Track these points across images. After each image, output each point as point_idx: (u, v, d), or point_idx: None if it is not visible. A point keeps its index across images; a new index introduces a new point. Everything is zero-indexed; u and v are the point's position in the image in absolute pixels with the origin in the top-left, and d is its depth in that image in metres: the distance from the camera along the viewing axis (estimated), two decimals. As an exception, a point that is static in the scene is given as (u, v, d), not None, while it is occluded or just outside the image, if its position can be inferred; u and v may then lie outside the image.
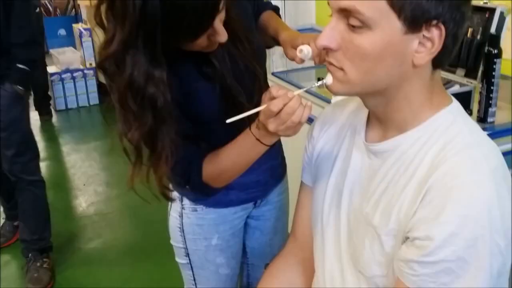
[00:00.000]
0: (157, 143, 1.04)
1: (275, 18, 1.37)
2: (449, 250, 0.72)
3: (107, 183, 3.38)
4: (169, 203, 1.37)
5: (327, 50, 0.80)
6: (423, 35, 0.74)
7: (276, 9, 1.41)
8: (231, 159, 1.13)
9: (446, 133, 0.80)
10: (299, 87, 2.09)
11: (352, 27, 0.75)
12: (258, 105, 0.98)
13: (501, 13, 1.52)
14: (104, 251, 2.72)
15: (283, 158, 1.45)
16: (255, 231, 1.45)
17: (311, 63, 1.19)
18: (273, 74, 2.31)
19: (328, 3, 0.80)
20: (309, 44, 1.12)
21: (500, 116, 1.58)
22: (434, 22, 0.73)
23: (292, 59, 1.21)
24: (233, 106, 1.13)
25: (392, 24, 0.73)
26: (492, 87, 1.52)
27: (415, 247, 0.75)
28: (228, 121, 0.93)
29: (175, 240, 1.38)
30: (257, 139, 1.05)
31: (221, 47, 1.08)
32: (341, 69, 0.79)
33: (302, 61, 1.12)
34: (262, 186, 1.36)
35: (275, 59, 2.38)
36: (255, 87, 1.18)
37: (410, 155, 0.82)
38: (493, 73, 1.51)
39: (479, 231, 0.72)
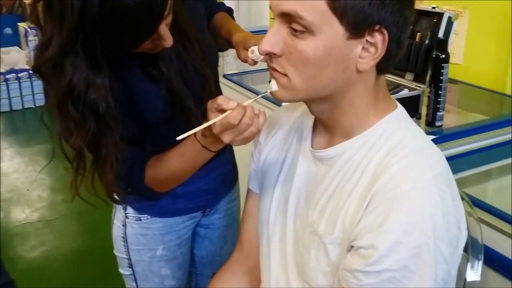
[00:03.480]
0: (101, 149, 0.99)
1: (228, 19, 1.32)
2: (393, 259, 0.71)
3: (52, 188, 3.26)
4: (113, 211, 1.30)
5: (270, 55, 0.78)
6: (366, 40, 0.73)
7: (229, 11, 1.37)
8: (176, 165, 1.08)
9: (390, 139, 0.79)
10: (251, 90, 2.08)
11: (295, 32, 0.73)
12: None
13: (449, 18, 1.53)
14: (47, 259, 2.60)
15: (234, 165, 1.40)
16: (204, 240, 1.40)
17: (264, 65, 1.16)
18: (224, 76, 2.26)
19: (270, 7, 0.77)
20: None
21: (448, 120, 1.59)
22: (377, 27, 0.72)
23: (245, 61, 1.17)
24: (180, 110, 1.09)
25: (334, 29, 0.72)
26: (440, 91, 1.52)
27: (360, 256, 0.73)
28: (178, 138, 0.88)
29: (118, 250, 1.32)
30: (204, 147, 1.00)
31: (169, 48, 1.03)
32: (285, 75, 0.77)
33: (255, 62, 1.09)
34: (211, 194, 1.32)
35: (228, 61, 2.34)
36: (204, 91, 1.14)
37: (355, 161, 0.81)
38: (441, 78, 1.51)
39: (423, 239, 0.70)
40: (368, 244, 0.72)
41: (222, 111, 0.88)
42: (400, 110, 0.84)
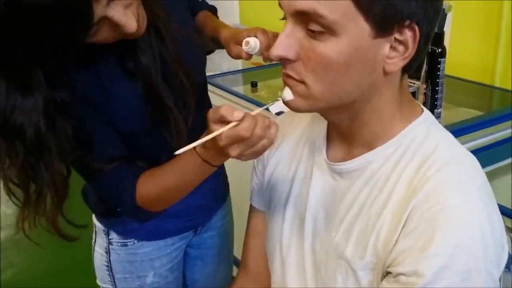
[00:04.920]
0: (37, 178, 0.86)
1: (212, 18, 1.21)
2: (439, 286, 0.63)
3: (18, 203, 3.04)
4: (93, 236, 1.17)
5: (283, 61, 0.70)
6: (395, 38, 0.66)
7: (212, 9, 1.25)
8: (172, 181, 0.96)
9: (422, 148, 0.72)
10: (233, 93, 1.96)
11: (312, 33, 0.65)
12: (195, 116, 0.83)
13: (443, 10, 1.46)
14: (19, 281, 2.42)
15: (225, 176, 1.29)
16: (196, 261, 1.28)
17: (238, 65, 1.06)
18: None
19: (280, 4, 0.68)
20: (256, 36, 0.99)
21: (446, 117, 1.52)
22: (407, 22, 0.65)
23: (238, 57, 1.06)
24: (159, 110, 0.96)
25: (359, 27, 0.64)
26: (437, 88, 1.45)
27: (400, 283, 0.65)
28: (177, 152, 0.76)
29: (102, 280, 1.19)
30: (205, 161, 0.88)
31: (147, 39, 0.90)
32: (302, 82, 0.69)
33: (249, 56, 0.99)
34: (204, 211, 1.20)
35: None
36: (188, 93, 1.01)
37: (383, 174, 0.73)
38: (438, 73, 1.44)
39: (473, 263, 0.64)
40: (410, 270, 0.64)
41: (226, 122, 0.77)
42: (428, 114, 0.77)
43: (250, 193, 0.98)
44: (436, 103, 1.47)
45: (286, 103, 0.72)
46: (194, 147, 0.87)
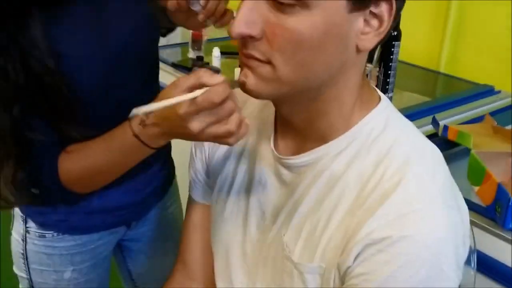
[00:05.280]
0: None
1: None
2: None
3: None
4: (12, 218, 1.02)
5: (244, 40, 0.60)
6: (370, 11, 0.59)
7: None
8: (101, 159, 0.83)
9: (378, 143, 0.65)
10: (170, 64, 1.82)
11: (280, 5, 0.57)
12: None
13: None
14: None
15: (170, 161, 1.14)
16: (139, 255, 1.15)
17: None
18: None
19: None
20: None
21: (395, 102, 1.47)
22: None
23: (174, 9, 0.88)
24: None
25: (335, 0, 0.56)
26: (389, 72, 1.39)
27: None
28: (133, 111, 0.62)
29: (18, 268, 1.04)
30: (142, 141, 0.75)
31: None
32: (268, 62, 0.60)
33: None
34: (138, 207, 1.06)
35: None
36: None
37: (334, 172, 0.66)
38: (391, 57, 1.38)
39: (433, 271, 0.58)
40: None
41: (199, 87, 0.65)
42: (386, 101, 0.69)
43: (188, 184, 0.88)
44: (387, 87, 1.42)
45: (245, 88, 0.62)
46: (130, 122, 0.76)
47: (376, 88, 0.72)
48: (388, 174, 0.61)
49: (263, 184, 0.74)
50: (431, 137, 1.20)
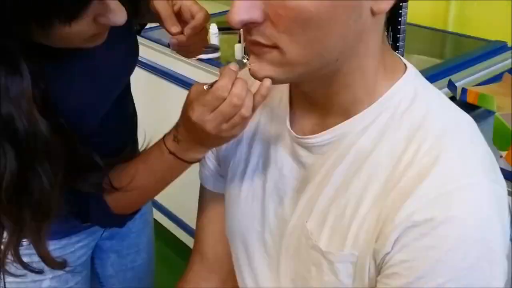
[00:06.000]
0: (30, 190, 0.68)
1: None
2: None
3: None
4: None
5: (247, 26, 0.55)
6: None
7: None
8: (146, 183, 0.81)
9: (410, 114, 0.59)
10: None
11: None
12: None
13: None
14: None
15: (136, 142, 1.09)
16: (110, 255, 1.09)
17: None
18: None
19: None
20: None
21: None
22: None
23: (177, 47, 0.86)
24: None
25: None
26: (398, 35, 1.32)
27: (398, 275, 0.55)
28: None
29: None
30: (179, 158, 0.74)
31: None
32: (275, 47, 0.55)
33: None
34: None
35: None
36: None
37: (363, 148, 0.60)
38: (400, 19, 1.31)
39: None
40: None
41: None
42: (413, 70, 0.63)
43: (199, 172, 0.83)
44: (397, 51, 1.34)
45: (256, 76, 0.58)
46: (164, 141, 0.75)
47: (400, 56, 0.66)
48: (424, 149, 0.56)
49: (280, 167, 0.69)
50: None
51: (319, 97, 0.63)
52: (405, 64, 0.64)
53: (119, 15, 0.66)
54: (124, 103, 0.91)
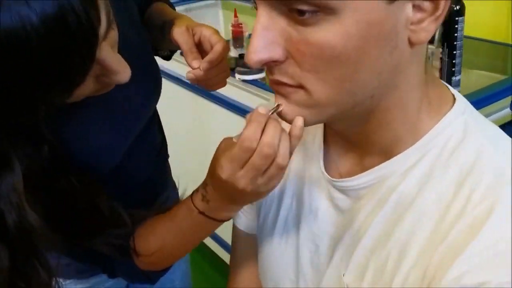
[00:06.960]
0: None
1: (164, 7, 0.93)
2: None
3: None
4: None
5: (268, 65, 0.50)
6: None
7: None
8: (175, 242, 0.75)
9: (458, 155, 0.52)
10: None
11: (300, 16, 0.46)
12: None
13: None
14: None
15: (173, 185, 1.04)
16: None
17: None
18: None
19: None
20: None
21: (465, 85, 1.30)
22: None
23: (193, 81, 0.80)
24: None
25: None
26: (455, 52, 1.23)
27: None
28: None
29: None
30: (209, 217, 0.68)
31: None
32: (300, 87, 0.50)
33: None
34: None
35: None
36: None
37: (405, 194, 0.54)
38: (456, 34, 1.22)
39: None
40: None
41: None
42: (463, 102, 0.56)
43: None
44: (453, 69, 1.25)
45: (286, 119, 0.53)
46: (192, 200, 0.68)
47: (448, 85, 0.58)
48: (476, 197, 0.49)
49: (315, 212, 0.64)
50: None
51: (355, 136, 0.58)
52: (453, 95, 0.56)
53: (121, 75, 0.61)
54: (147, 135, 0.87)
